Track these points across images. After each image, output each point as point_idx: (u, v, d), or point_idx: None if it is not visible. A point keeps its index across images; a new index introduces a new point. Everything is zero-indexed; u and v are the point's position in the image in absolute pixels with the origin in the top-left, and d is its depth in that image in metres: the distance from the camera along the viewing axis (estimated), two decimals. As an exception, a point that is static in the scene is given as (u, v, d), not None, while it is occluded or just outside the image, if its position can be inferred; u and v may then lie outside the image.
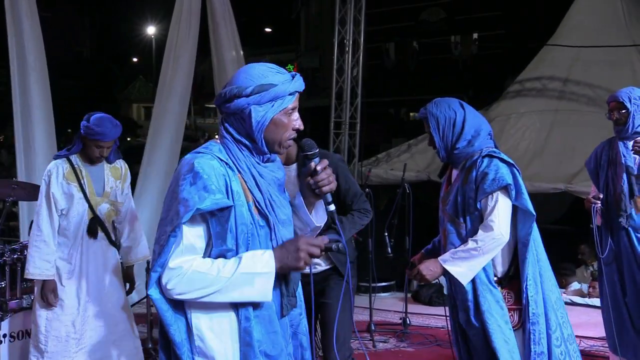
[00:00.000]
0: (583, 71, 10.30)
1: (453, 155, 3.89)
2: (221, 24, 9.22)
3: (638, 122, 4.96)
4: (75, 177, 4.75)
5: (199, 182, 2.39)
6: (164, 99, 8.73)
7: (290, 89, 2.51)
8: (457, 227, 3.83)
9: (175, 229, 2.39)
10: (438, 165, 10.33)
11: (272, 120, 2.50)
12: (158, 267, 2.45)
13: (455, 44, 27.72)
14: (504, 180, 3.69)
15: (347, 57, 11.25)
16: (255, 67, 2.56)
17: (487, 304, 3.74)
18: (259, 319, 2.50)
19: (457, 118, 3.84)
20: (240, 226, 2.45)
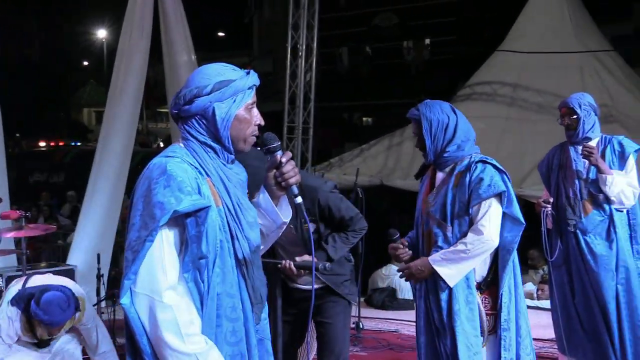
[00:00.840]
0: (532, 77, 10.47)
1: (441, 158, 3.92)
2: (174, 27, 9.13)
3: (588, 127, 5.06)
4: (30, 330, 4.56)
5: (172, 184, 2.35)
6: (115, 103, 8.61)
7: (248, 83, 2.52)
8: (444, 230, 3.84)
9: (151, 233, 2.33)
10: (390, 169, 10.44)
11: (235, 116, 2.50)
12: (132, 274, 2.36)
13: (407, 49, 27.92)
14: (499, 187, 3.75)
15: (300, 62, 11.25)
16: (210, 66, 2.55)
17: (459, 305, 3.77)
18: (221, 329, 2.46)
19: (449, 123, 3.87)
20: (211, 233, 2.40)
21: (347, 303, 4.47)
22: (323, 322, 4.42)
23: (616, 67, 10.91)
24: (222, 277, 2.45)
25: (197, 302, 2.42)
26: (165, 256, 2.37)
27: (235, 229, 2.49)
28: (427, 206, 3.95)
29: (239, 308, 2.50)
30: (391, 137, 11.45)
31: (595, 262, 5.02)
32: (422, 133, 3.92)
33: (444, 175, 3.96)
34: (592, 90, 9.39)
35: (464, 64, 18.42)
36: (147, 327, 2.37)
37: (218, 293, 2.44)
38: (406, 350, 6.97)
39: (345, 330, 4.49)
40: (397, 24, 27.37)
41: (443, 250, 3.81)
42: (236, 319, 2.49)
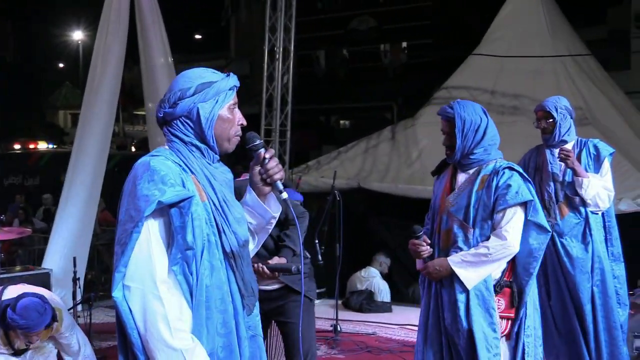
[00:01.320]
0: (508, 81, 10.53)
1: (467, 159, 3.94)
2: (150, 30, 9.09)
3: (564, 130, 5.11)
4: (8, 343, 4.55)
5: (156, 178, 2.43)
6: (90, 105, 8.56)
7: (229, 84, 2.62)
8: (466, 232, 3.86)
9: (137, 224, 2.40)
10: (368, 172, 10.47)
11: (219, 116, 2.59)
12: (122, 266, 2.42)
13: (384, 52, 28.01)
14: (526, 195, 3.79)
15: (277, 65, 11.25)
16: (191, 70, 2.65)
17: (478, 308, 3.80)
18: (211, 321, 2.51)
19: (481, 124, 3.90)
20: (197, 227, 2.47)
21: (308, 300, 4.52)
22: (287, 323, 4.46)
23: (591, 71, 11.01)
24: (210, 269, 2.51)
25: (186, 295, 2.48)
26: (153, 248, 2.44)
27: (222, 223, 2.55)
28: (447, 205, 3.96)
29: (228, 300, 2.55)
30: (368, 139, 11.47)
31: (571, 264, 5.06)
32: (454, 132, 3.93)
33: (467, 176, 3.98)
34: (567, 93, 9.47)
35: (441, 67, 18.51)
36: (138, 319, 2.41)
37: (207, 285, 2.49)
38: (384, 352, 6.99)
39: (310, 328, 4.53)
40: (374, 27, 27.44)
41: (463, 252, 3.84)
42: (225, 310, 2.54)
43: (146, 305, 2.40)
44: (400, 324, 8.03)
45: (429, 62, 24.72)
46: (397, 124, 12.27)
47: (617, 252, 5.19)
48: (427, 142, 10.30)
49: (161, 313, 2.39)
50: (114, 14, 8.60)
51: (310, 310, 4.59)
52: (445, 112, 4.00)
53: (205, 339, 2.48)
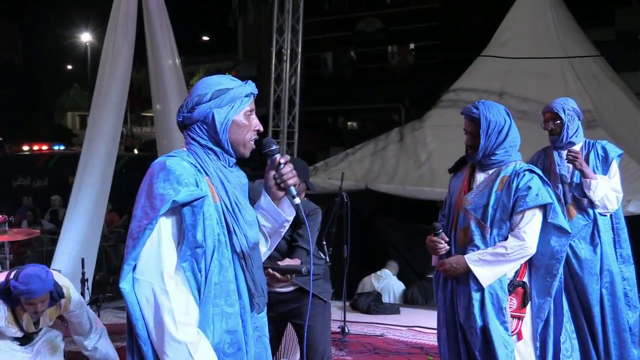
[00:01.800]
0: (517, 83, 10.49)
1: (488, 159, 3.97)
2: (158, 31, 9.11)
3: (572, 132, 5.09)
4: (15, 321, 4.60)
5: (171, 178, 2.54)
6: (99, 106, 8.57)
7: (245, 91, 2.70)
8: (483, 231, 3.91)
9: (151, 221, 2.51)
10: (375, 174, 10.45)
11: (233, 122, 2.67)
12: (132, 260, 2.53)
13: (392, 53, 28.04)
14: (546, 198, 3.84)
15: (285, 66, 11.26)
16: (211, 77, 2.76)
17: (492, 306, 3.85)
18: (219, 317, 2.59)
19: (505, 126, 3.95)
20: (208, 226, 2.56)
21: (322, 302, 4.49)
22: (302, 325, 4.43)
23: (600, 72, 10.97)
24: (219, 267, 2.60)
25: (194, 291, 2.57)
26: (164, 244, 2.54)
27: (232, 224, 2.65)
28: (464, 203, 4.00)
29: (235, 298, 2.63)
30: (376, 141, 11.46)
31: (579, 266, 5.05)
32: (478, 132, 3.96)
33: (486, 176, 4.01)
34: (575, 95, 9.45)
35: (448, 69, 18.50)
36: (147, 311, 2.52)
37: (215, 283, 2.58)
38: (392, 354, 6.98)
39: (325, 330, 4.51)
40: (382, 28, 27.47)
41: (481, 251, 3.87)
42: (233, 308, 2.62)
43: (154, 298, 2.50)
44: (408, 325, 8.01)
45: (436, 64, 24.74)
46: (405, 126, 12.25)
47: (626, 254, 5.17)
48: (436, 144, 10.29)
49: (167, 306, 2.48)
50: (122, 16, 8.62)
51: (325, 312, 4.56)
52: (470, 112, 4.02)
53: (211, 334, 2.56)
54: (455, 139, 10.46)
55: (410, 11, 26.42)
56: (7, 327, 4.58)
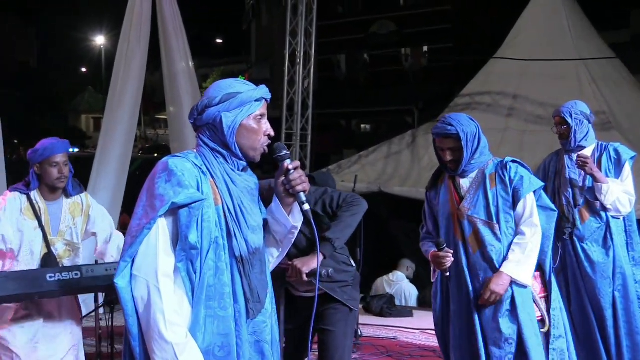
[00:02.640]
0: (531, 85, 10.46)
1: (468, 166, 4.10)
2: (172, 34, 9.15)
3: (580, 136, 5.09)
4: (34, 214, 4.50)
5: (173, 179, 2.56)
6: (114, 109, 8.62)
7: (256, 96, 2.70)
8: (492, 229, 4.03)
9: (150, 221, 2.53)
10: (389, 176, 10.44)
11: (242, 125, 2.68)
12: (128, 257, 2.55)
13: (405, 56, 28.00)
14: (538, 183, 4.09)
15: (298, 69, 11.28)
16: (223, 81, 2.76)
17: (522, 298, 3.99)
18: (211, 320, 2.59)
19: (477, 132, 4.08)
20: (205, 228, 2.58)
21: (348, 310, 4.42)
22: (323, 330, 4.39)
23: (616, 74, 10.92)
24: (214, 270, 2.61)
25: (188, 293, 2.59)
26: (160, 244, 2.56)
27: (233, 228, 2.66)
28: (464, 211, 4.11)
29: (229, 302, 2.63)
30: (389, 144, 11.46)
31: (592, 269, 5.03)
32: (460, 146, 4.05)
33: (471, 180, 4.14)
34: (590, 97, 9.40)
35: (462, 71, 18.45)
36: (140, 308, 2.54)
37: (209, 285, 2.59)
38: (405, 357, 6.97)
39: (346, 338, 4.44)
40: (395, 31, 27.43)
41: (512, 257, 3.98)
42: (225, 311, 2.62)
43: (148, 295, 2.52)
44: (421, 328, 7.99)
45: (449, 66, 24.68)
46: (418, 128, 12.24)
47: (638, 256, 5.15)
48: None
49: (159, 305, 2.50)
50: (136, 20, 8.66)
51: (349, 320, 4.48)
52: (446, 131, 4.08)
53: (202, 335, 2.57)
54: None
55: (424, 14, 26.38)
56: (23, 221, 4.46)
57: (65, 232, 4.63)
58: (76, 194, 4.72)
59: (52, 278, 4.16)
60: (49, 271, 4.23)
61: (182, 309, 2.56)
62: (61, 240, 4.60)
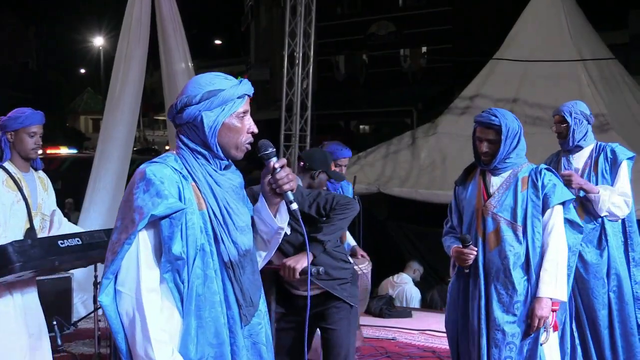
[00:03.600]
0: (530, 87, 10.46)
1: (502, 163, 4.09)
2: (171, 35, 9.15)
3: (579, 136, 5.09)
4: (16, 186, 4.29)
5: (151, 189, 2.43)
6: (113, 110, 8.61)
7: (238, 92, 2.56)
8: (515, 230, 4.03)
9: (130, 236, 2.42)
10: (388, 177, 10.44)
11: (224, 125, 2.54)
12: (110, 274, 2.46)
13: (404, 57, 28.02)
14: (569, 195, 4.10)
15: (297, 70, 11.27)
16: (203, 76, 2.61)
17: None
18: (202, 330, 2.50)
19: (519, 132, 4.07)
20: (190, 235, 2.47)
21: (349, 307, 4.43)
22: (327, 329, 4.40)
23: (615, 75, 10.92)
24: (203, 278, 2.51)
25: (177, 303, 2.49)
26: (142, 258, 2.45)
27: (220, 232, 2.54)
28: (489, 208, 4.10)
29: (220, 310, 2.54)
30: (388, 144, 11.47)
31: (585, 269, 5.03)
32: (499, 139, 4.05)
33: (503, 179, 4.13)
34: (589, 99, 9.40)
35: (461, 72, 18.47)
36: (126, 324, 2.45)
37: (198, 294, 2.49)
38: (404, 358, 6.97)
39: (349, 335, 4.46)
40: (394, 32, 27.46)
41: (544, 279, 3.97)
42: (217, 320, 2.53)
43: (132, 311, 2.43)
44: (420, 329, 7.99)
45: (448, 67, 24.70)
46: (417, 129, 12.25)
47: (638, 257, 5.15)
48: (449, 147, 10.28)
49: (144, 322, 2.41)
50: (135, 21, 8.66)
51: (351, 317, 4.50)
52: (490, 121, 4.08)
53: (194, 347, 2.48)
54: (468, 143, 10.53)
55: (423, 14, 26.41)
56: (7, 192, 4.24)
57: (42, 206, 4.46)
58: (40, 168, 4.56)
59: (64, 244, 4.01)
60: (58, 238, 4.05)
61: (172, 322, 2.47)
62: (39, 214, 4.42)
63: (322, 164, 4.68)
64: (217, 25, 44.44)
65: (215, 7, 42.56)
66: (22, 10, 43.67)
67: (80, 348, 6.85)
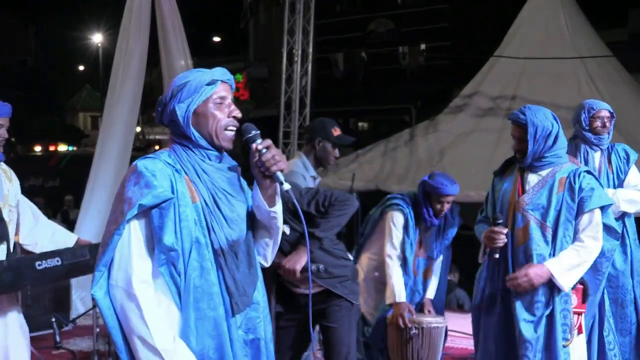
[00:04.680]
0: (529, 84, 10.46)
1: (539, 161, 4.01)
2: (170, 32, 9.14)
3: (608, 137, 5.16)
4: None
5: (141, 181, 2.47)
6: (113, 107, 8.60)
7: (205, 80, 2.59)
8: (544, 231, 3.94)
9: (119, 227, 2.45)
10: (387, 174, 10.43)
11: (198, 113, 2.58)
12: (102, 266, 2.48)
13: (403, 54, 27.99)
14: (609, 199, 3.97)
15: (296, 67, 11.28)
16: (179, 75, 2.69)
17: (557, 307, 3.90)
18: (202, 322, 2.51)
19: (552, 131, 3.96)
20: (184, 228, 2.49)
21: (350, 305, 4.42)
22: (328, 327, 4.39)
23: (614, 73, 10.92)
24: (200, 270, 2.52)
25: (175, 296, 2.50)
26: (134, 249, 2.47)
27: (212, 222, 2.56)
28: (522, 204, 4.02)
29: (219, 301, 2.55)
30: (387, 142, 11.46)
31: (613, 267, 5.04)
32: (525, 137, 3.99)
33: (540, 178, 4.04)
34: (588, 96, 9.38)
35: (460, 70, 18.47)
36: (122, 318, 2.45)
37: (196, 286, 2.51)
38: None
39: (350, 332, 4.45)
40: (392, 29, 27.43)
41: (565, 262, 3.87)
42: (216, 311, 2.54)
43: (127, 304, 2.44)
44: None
45: (447, 64, 24.68)
46: (416, 127, 12.24)
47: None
48: (447, 145, 10.28)
49: (140, 313, 2.41)
50: (135, 18, 8.64)
51: (351, 315, 4.47)
52: (517, 118, 4.05)
53: (194, 339, 2.49)
54: (467, 141, 10.53)
55: (422, 12, 26.36)
56: None
57: (8, 197, 4.30)
58: (3, 159, 4.37)
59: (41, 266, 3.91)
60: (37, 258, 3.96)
61: (170, 315, 2.48)
62: (7, 206, 4.27)
63: (320, 131, 4.59)
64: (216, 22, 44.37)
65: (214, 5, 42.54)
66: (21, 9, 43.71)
67: (79, 345, 6.86)
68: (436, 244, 5.15)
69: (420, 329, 4.78)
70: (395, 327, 4.87)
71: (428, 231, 5.11)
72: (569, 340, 3.90)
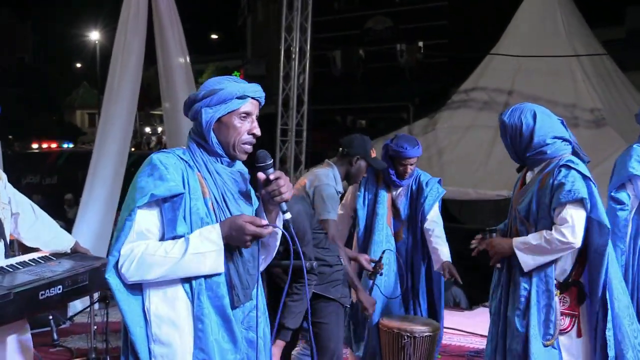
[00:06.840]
0: (526, 81, 10.48)
1: (526, 159, 4.01)
2: (168, 30, 9.12)
3: None
4: None
5: (155, 173, 2.59)
6: (111, 104, 8.57)
7: (237, 92, 2.68)
8: (527, 229, 3.93)
9: (130, 213, 2.56)
10: (384, 172, 10.41)
11: (222, 122, 2.69)
12: (115, 251, 2.58)
13: (401, 52, 27.99)
14: (579, 193, 3.76)
15: (293, 65, 11.28)
16: (216, 77, 2.78)
17: (536, 306, 3.86)
18: (214, 308, 2.60)
19: (523, 128, 3.93)
20: (195, 219, 2.60)
21: (339, 305, 4.47)
22: (316, 322, 4.44)
23: (609, 71, 10.95)
24: None
25: (186, 287, 2.60)
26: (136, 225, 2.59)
27: (220, 216, 2.67)
28: (514, 203, 4.06)
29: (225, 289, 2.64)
30: (384, 140, 11.45)
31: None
32: (500, 135, 4.06)
33: (533, 175, 4.03)
34: (584, 94, 9.42)
35: (457, 67, 18.46)
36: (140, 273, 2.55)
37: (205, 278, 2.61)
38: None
39: (338, 329, 4.51)
40: (390, 27, 27.45)
41: (526, 239, 3.87)
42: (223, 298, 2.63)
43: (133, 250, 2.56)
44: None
45: (445, 62, 24.69)
46: (414, 124, 12.26)
47: None
48: (446, 142, 10.28)
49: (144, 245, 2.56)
50: (132, 15, 8.62)
51: (339, 313, 4.54)
52: (499, 120, 4.08)
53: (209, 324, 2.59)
54: (465, 138, 10.54)
55: (420, 9, 26.39)
56: None
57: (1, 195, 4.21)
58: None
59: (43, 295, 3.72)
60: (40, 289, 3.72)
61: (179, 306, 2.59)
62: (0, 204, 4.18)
63: (361, 150, 4.66)
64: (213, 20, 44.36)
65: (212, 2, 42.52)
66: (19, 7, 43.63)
67: (76, 342, 6.86)
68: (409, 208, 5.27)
69: (412, 338, 4.79)
70: (388, 334, 4.89)
71: (397, 191, 5.25)
72: (549, 340, 3.86)
